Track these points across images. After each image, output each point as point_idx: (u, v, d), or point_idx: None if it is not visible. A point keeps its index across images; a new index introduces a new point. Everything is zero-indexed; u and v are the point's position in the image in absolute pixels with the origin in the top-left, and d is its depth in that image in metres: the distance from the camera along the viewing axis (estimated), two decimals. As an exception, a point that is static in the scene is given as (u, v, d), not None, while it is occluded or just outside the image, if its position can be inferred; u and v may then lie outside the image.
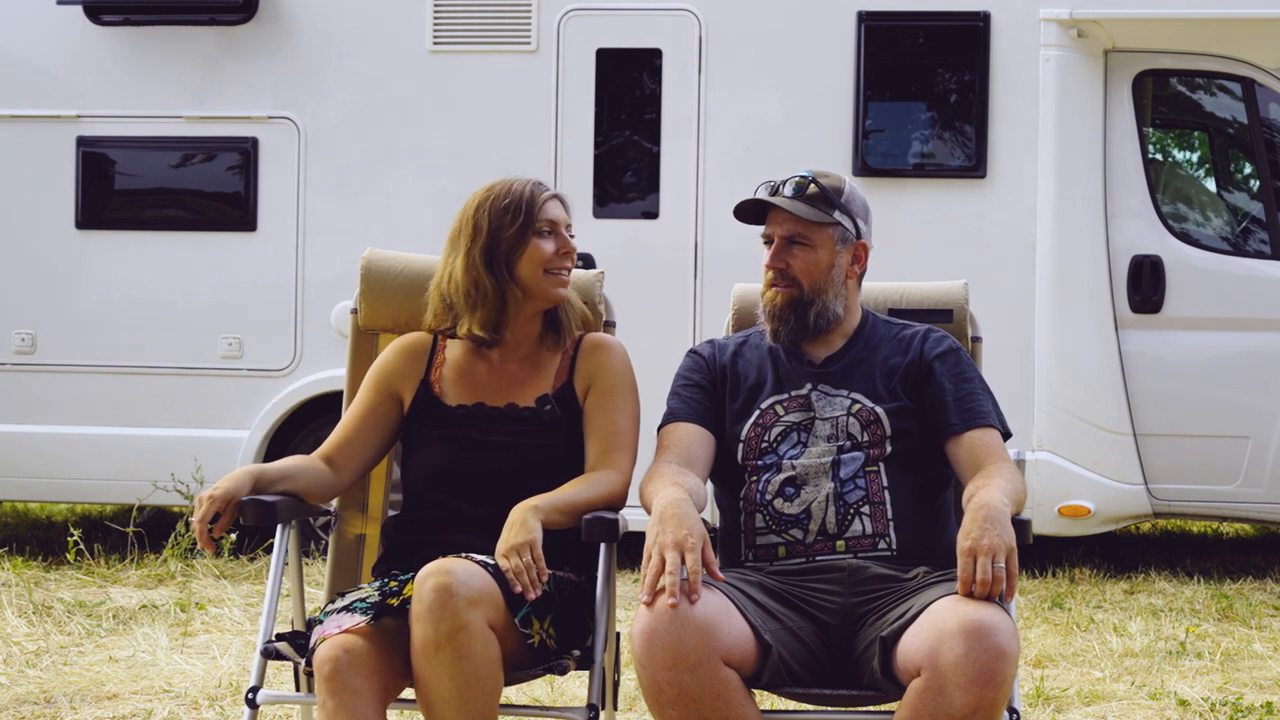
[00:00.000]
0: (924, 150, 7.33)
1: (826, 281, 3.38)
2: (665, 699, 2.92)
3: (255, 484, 3.30)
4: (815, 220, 3.37)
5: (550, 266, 3.42)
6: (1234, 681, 5.15)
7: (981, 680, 2.82)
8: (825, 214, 3.37)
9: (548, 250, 3.42)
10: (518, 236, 3.40)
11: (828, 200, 3.38)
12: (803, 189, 3.38)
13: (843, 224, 3.38)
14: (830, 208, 3.38)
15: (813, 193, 3.38)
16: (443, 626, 2.97)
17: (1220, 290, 7.15)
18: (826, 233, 3.38)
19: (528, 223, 3.41)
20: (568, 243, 3.46)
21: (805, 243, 3.38)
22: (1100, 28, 7.13)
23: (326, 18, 7.49)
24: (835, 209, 3.38)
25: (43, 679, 5.04)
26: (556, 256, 3.43)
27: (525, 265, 3.41)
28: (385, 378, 3.51)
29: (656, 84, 7.32)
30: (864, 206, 3.45)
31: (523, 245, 3.40)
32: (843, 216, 3.39)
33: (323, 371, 7.38)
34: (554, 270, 3.43)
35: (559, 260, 3.44)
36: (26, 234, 7.63)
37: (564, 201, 3.49)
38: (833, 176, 3.42)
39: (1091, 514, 7.05)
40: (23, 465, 7.56)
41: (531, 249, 3.41)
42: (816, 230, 3.38)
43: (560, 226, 3.45)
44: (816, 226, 3.37)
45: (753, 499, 3.31)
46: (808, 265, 3.37)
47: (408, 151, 7.44)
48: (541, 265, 3.41)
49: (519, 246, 3.40)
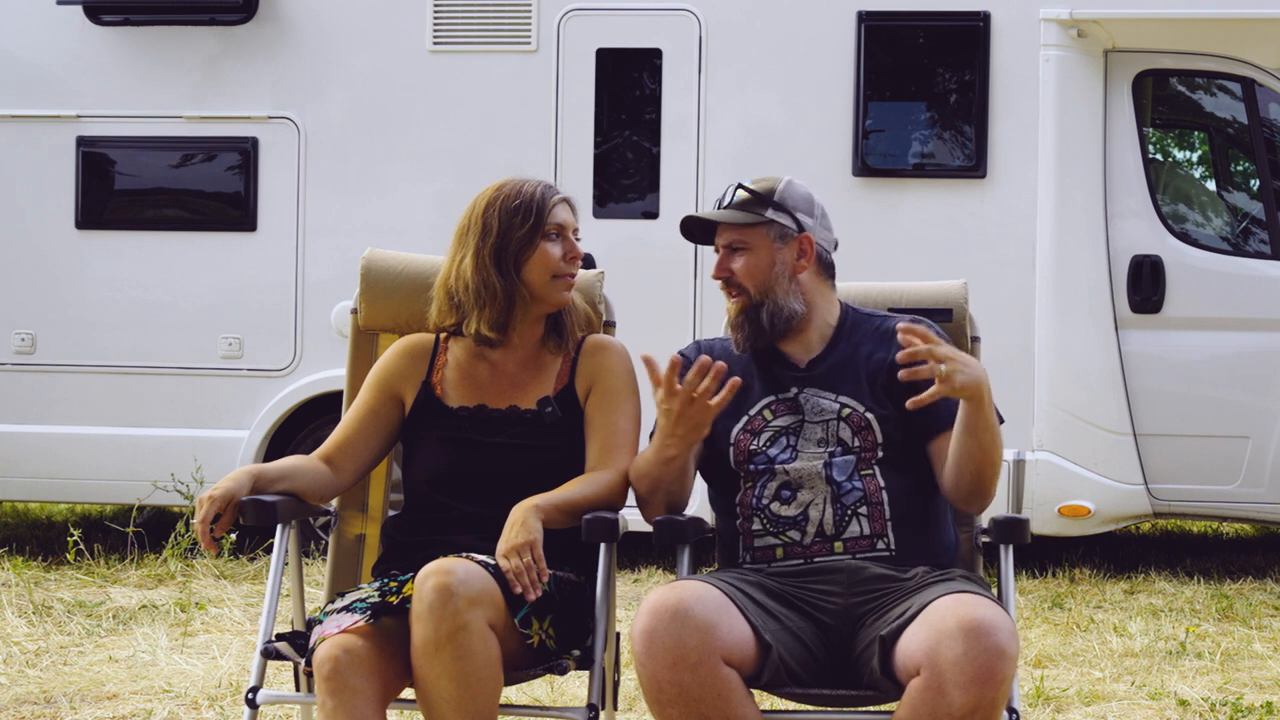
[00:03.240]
0: (924, 150, 7.34)
1: (771, 280, 3.39)
2: (665, 699, 2.92)
3: (255, 484, 3.30)
4: (746, 223, 3.40)
5: (557, 271, 3.43)
6: (1234, 681, 5.15)
7: (981, 679, 2.83)
8: (756, 215, 3.40)
9: (555, 254, 3.42)
10: (526, 239, 3.40)
11: (759, 201, 3.41)
12: (731, 197, 3.43)
13: (777, 221, 3.40)
14: (761, 207, 3.40)
15: (742, 198, 3.42)
16: (443, 626, 2.97)
17: (1220, 290, 7.15)
18: (760, 232, 3.40)
19: (537, 226, 3.41)
20: (575, 247, 3.46)
21: (742, 247, 3.41)
22: (1100, 28, 7.13)
23: (326, 18, 7.49)
24: (768, 207, 3.40)
25: (43, 679, 5.04)
26: (564, 261, 3.44)
27: (532, 268, 3.41)
28: (386, 379, 3.51)
29: (656, 84, 7.33)
30: (804, 199, 3.45)
31: (531, 248, 3.41)
32: (776, 214, 3.40)
33: (323, 371, 7.39)
34: (560, 275, 3.44)
35: (566, 265, 3.44)
36: (26, 234, 7.64)
37: (572, 205, 3.50)
38: (765, 179, 3.46)
39: (1091, 514, 7.05)
40: (23, 465, 7.56)
41: (539, 253, 3.41)
42: (749, 232, 3.40)
43: (568, 230, 3.46)
44: (749, 229, 3.40)
45: (749, 502, 3.31)
46: (748, 268, 3.40)
47: (408, 151, 7.44)
48: (549, 270, 3.42)
49: (527, 249, 3.40)
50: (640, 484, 3.32)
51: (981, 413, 3.13)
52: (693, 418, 3.16)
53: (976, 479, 3.22)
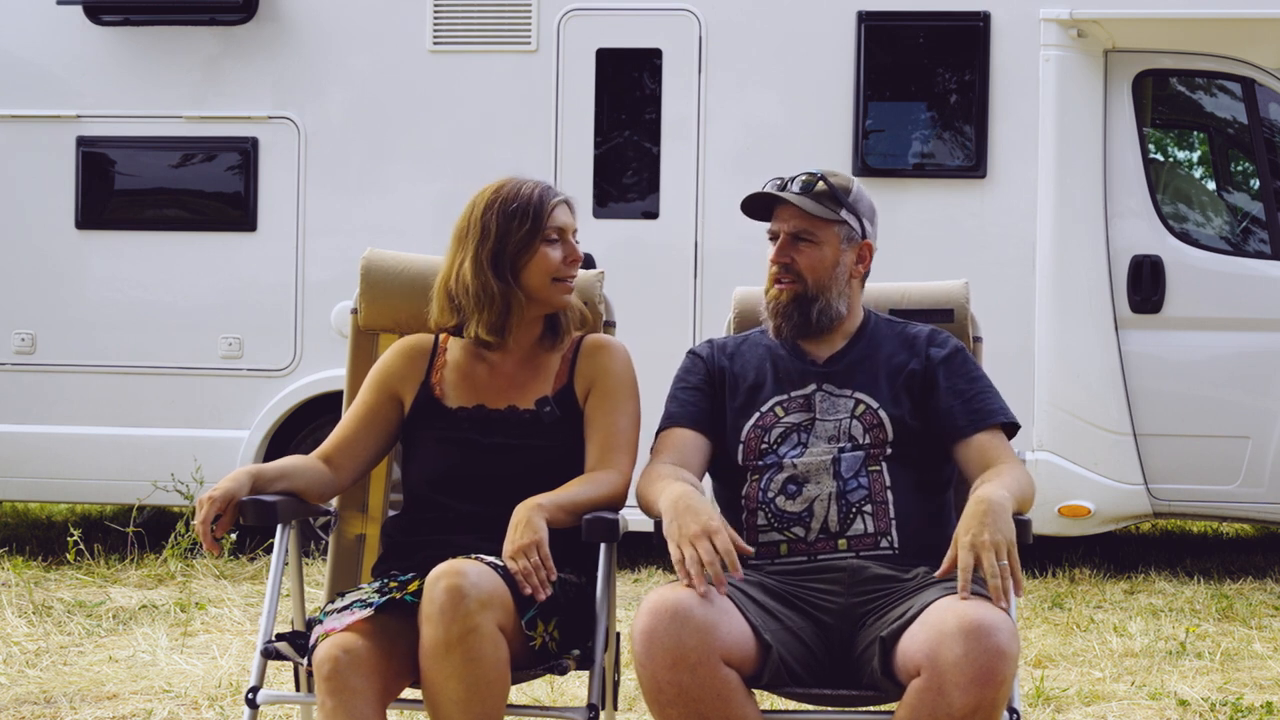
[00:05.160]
0: (924, 150, 7.34)
1: (830, 279, 3.38)
2: (665, 699, 2.92)
3: (254, 484, 3.29)
4: (822, 217, 3.37)
5: (557, 274, 3.41)
6: (1234, 681, 5.15)
7: (981, 680, 2.82)
8: (832, 211, 3.38)
9: (555, 258, 3.40)
10: (525, 243, 3.38)
11: (835, 198, 3.39)
12: (811, 186, 3.39)
13: (849, 223, 3.39)
14: (838, 206, 3.38)
15: (821, 190, 3.38)
16: (454, 628, 2.97)
17: (1220, 290, 7.15)
18: (833, 230, 3.38)
19: (535, 229, 3.39)
20: (574, 250, 3.44)
21: (811, 239, 3.38)
22: (1100, 28, 7.13)
23: (326, 18, 7.49)
24: (843, 207, 3.39)
25: (43, 679, 5.04)
26: (564, 265, 3.42)
27: (532, 272, 3.40)
28: (386, 379, 3.51)
29: (656, 84, 7.33)
30: (870, 208, 3.46)
31: (529, 252, 3.39)
32: (849, 215, 3.39)
33: (323, 371, 7.39)
34: (561, 278, 3.42)
35: (566, 269, 3.42)
36: (26, 234, 7.64)
37: (571, 206, 3.48)
38: (841, 176, 3.44)
39: (1091, 514, 7.05)
40: (23, 465, 7.56)
41: (539, 257, 3.39)
42: (823, 227, 3.38)
43: (568, 233, 3.43)
44: (823, 223, 3.38)
45: (755, 497, 3.31)
46: (813, 262, 3.38)
47: (408, 151, 7.44)
48: (549, 274, 3.40)
49: (526, 253, 3.39)
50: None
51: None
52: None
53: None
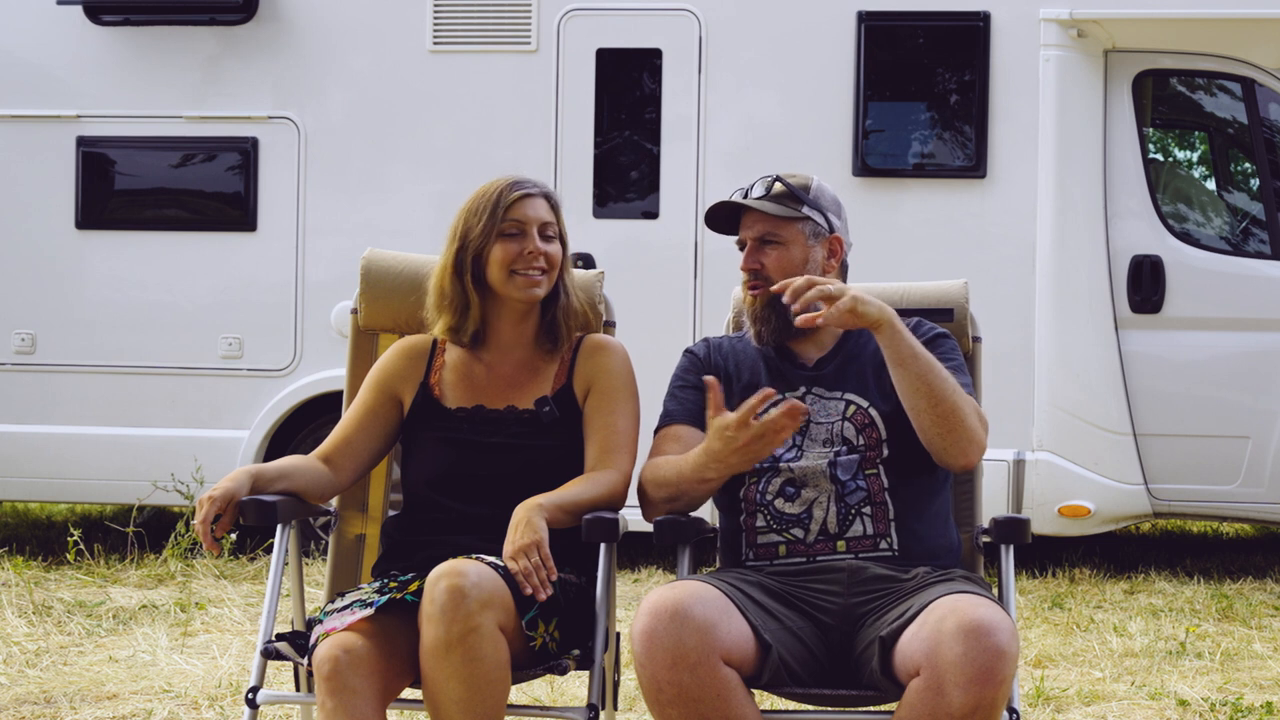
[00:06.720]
0: (924, 150, 7.34)
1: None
2: (665, 699, 2.92)
3: (254, 484, 3.30)
4: (784, 217, 3.39)
5: (515, 267, 3.39)
6: (1234, 681, 5.15)
7: (981, 680, 2.82)
8: (794, 210, 3.39)
9: (511, 251, 3.38)
10: (482, 238, 3.39)
11: (795, 197, 3.40)
12: (769, 189, 3.41)
13: (812, 218, 3.40)
14: (798, 204, 3.40)
15: (779, 191, 3.41)
16: (454, 628, 2.97)
17: (1220, 290, 7.15)
18: (796, 228, 3.40)
19: (491, 224, 3.38)
20: (534, 243, 3.39)
21: (776, 240, 3.40)
22: (1100, 28, 7.13)
23: (326, 18, 7.49)
24: (803, 204, 3.40)
25: (43, 679, 5.04)
26: (521, 257, 3.39)
27: (491, 267, 3.40)
28: (385, 379, 3.51)
29: (656, 84, 7.33)
30: (834, 201, 3.46)
31: (488, 247, 3.39)
32: (812, 211, 3.40)
33: (323, 371, 7.39)
34: (520, 271, 3.39)
35: (524, 261, 3.39)
36: (26, 234, 7.64)
37: (550, 200, 3.45)
38: (799, 175, 3.46)
39: (1091, 514, 7.05)
40: (23, 465, 7.56)
41: (496, 250, 3.39)
42: (785, 226, 3.39)
43: (531, 226, 3.40)
44: (785, 223, 3.39)
45: (753, 499, 3.31)
46: (781, 263, 3.39)
47: (408, 151, 7.44)
48: (505, 266, 3.38)
49: (484, 248, 3.39)
50: (658, 491, 3.28)
51: (897, 339, 3.15)
52: (755, 451, 3.13)
53: (938, 420, 3.18)
